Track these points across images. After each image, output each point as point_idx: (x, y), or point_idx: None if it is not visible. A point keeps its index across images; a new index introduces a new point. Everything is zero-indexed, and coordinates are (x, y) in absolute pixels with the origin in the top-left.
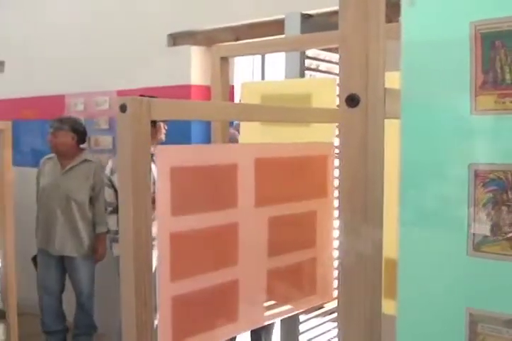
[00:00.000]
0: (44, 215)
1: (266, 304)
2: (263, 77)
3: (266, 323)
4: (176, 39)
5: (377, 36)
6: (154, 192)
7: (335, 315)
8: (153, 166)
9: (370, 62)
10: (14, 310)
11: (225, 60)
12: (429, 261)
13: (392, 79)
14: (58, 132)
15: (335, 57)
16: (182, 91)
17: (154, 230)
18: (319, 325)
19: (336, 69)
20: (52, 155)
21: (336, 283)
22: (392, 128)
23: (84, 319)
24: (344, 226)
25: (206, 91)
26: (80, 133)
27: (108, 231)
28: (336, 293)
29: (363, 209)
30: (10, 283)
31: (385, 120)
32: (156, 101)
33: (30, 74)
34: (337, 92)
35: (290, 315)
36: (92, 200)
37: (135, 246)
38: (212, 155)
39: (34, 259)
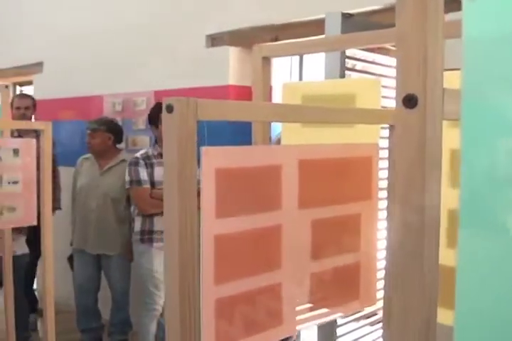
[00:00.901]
0: (81, 214)
1: (309, 308)
2: (301, 78)
3: (308, 327)
4: (214, 40)
5: (436, 33)
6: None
7: (373, 319)
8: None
9: (428, 61)
10: (52, 308)
11: (266, 60)
12: (491, 266)
13: (450, 79)
14: (95, 133)
15: (372, 56)
16: (220, 92)
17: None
18: (357, 328)
19: (372, 68)
20: (89, 155)
21: (378, 288)
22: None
23: (120, 317)
24: (399, 229)
25: (244, 92)
26: (117, 134)
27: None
28: (377, 298)
29: (420, 213)
30: (48, 282)
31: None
32: (203, 101)
33: (69, 74)
34: (382, 93)
35: (332, 319)
36: (129, 200)
37: (180, 249)
38: (257, 157)
39: (70, 259)
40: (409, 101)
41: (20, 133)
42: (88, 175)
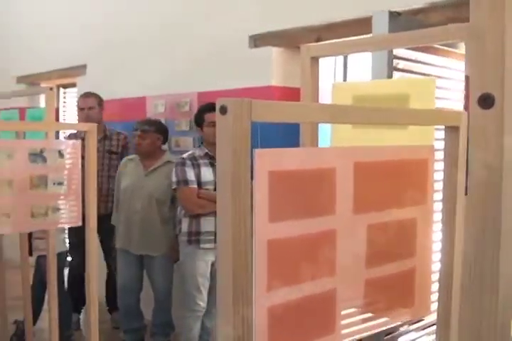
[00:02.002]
0: (125, 215)
1: (363, 316)
2: (345, 79)
3: (362, 336)
4: (257, 40)
5: None
6: None
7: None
8: None
9: (507, 58)
10: (95, 308)
11: (315, 61)
12: None
13: None
14: (146, 134)
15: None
16: (263, 93)
17: None
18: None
19: (419, 68)
20: (133, 156)
21: (433, 296)
22: None
23: (162, 318)
24: (474, 236)
25: (287, 93)
26: (164, 135)
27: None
28: (433, 307)
29: (497, 218)
30: (92, 282)
31: None
32: (258, 102)
33: (112, 76)
34: (436, 93)
35: (387, 327)
36: (173, 201)
37: (234, 254)
38: (311, 159)
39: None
40: (485, 101)
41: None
42: (133, 176)
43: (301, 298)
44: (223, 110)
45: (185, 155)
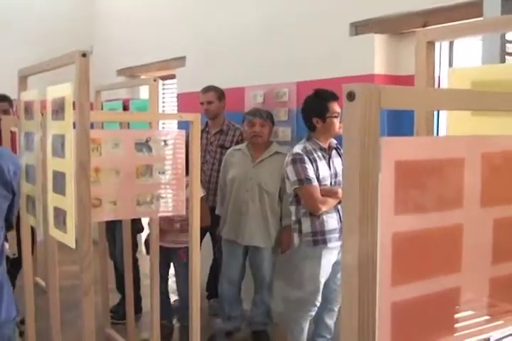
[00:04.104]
0: (234, 206)
1: (486, 316)
2: (450, 64)
3: (485, 336)
4: (358, 28)
5: None
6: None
7: None
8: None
9: None
10: (197, 300)
11: (431, 45)
12: None
13: None
14: (266, 122)
15: None
16: (365, 82)
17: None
18: None
19: None
20: (240, 146)
21: None
22: None
23: (262, 308)
24: None
25: (390, 82)
26: (273, 125)
27: None
28: None
29: None
30: (195, 273)
31: None
32: (387, 88)
33: (210, 67)
34: None
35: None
36: (281, 192)
37: (360, 247)
38: (439, 149)
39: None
40: None
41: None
42: (241, 166)
43: (425, 295)
44: (351, 96)
45: (299, 150)
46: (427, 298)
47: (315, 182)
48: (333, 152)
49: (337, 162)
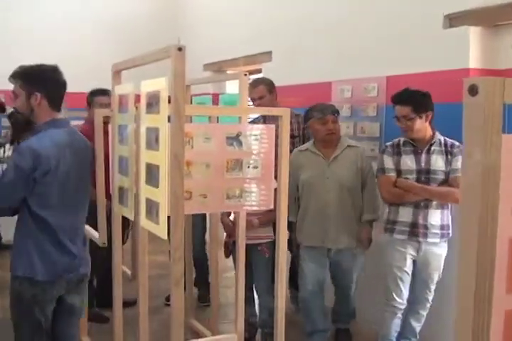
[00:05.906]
0: (314, 210)
1: None
2: None
3: None
4: (453, 20)
5: None
6: None
7: None
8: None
9: None
10: (283, 299)
11: None
12: None
13: None
14: (336, 118)
15: None
16: (459, 77)
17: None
18: None
19: None
20: (305, 146)
21: None
22: None
23: (344, 307)
24: None
25: (486, 76)
26: None
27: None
28: None
29: None
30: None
31: None
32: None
33: (297, 62)
34: None
35: None
36: (364, 187)
37: (479, 248)
38: None
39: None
40: None
41: (264, 120)
42: (314, 166)
43: None
44: (473, 91)
45: (388, 143)
46: None
47: (390, 173)
48: (433, 148)
49: (435, 159)
